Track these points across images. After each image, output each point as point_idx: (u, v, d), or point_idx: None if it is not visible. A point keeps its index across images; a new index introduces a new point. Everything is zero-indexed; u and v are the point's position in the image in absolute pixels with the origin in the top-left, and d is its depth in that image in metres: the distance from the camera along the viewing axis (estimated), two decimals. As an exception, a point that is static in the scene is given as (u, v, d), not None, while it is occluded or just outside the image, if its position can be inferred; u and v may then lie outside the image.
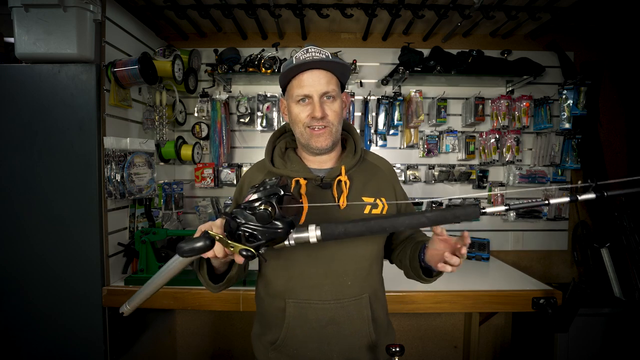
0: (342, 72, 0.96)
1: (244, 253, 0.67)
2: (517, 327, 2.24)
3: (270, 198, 0.66)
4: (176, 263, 0.76)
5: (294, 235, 0.73)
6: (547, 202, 0.68)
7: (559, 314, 1.62)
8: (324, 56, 0.90)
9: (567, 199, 0.67)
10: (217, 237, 0.68)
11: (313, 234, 0.73)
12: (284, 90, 0.99)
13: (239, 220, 0.66)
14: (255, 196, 0.68)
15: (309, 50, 0.90)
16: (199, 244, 0.66)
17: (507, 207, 0.68)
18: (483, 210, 0.70)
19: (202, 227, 0.75)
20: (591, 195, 0.65)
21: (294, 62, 0.90)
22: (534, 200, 0.69)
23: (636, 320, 1.84)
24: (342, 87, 0.99)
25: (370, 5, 1.85)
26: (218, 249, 0.70)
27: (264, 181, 0.76)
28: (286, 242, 0.72)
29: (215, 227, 0.73)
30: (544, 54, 2.24)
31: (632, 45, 2.21)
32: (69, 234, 1.53)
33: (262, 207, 0.64)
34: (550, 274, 2.34)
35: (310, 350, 0.94)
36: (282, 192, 0.68)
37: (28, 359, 1.58)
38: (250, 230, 0.66)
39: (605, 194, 0.65)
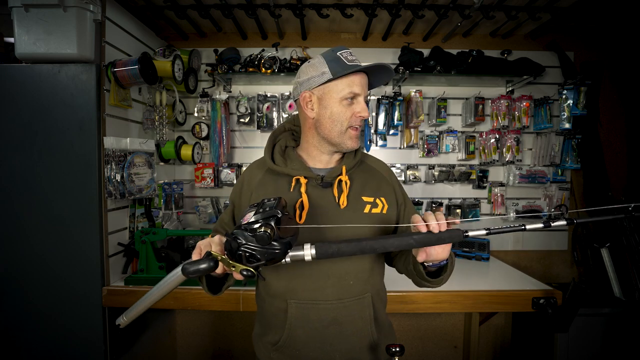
0: (375, 81, 0.99)
1: (245, 273, 0.72)
2: (517, 327, 2.24)
3: (269, 220, 0.70)
4: (176, 277, 0.81)
5: (290, 253, 0.78)
6: (523, 227, 0.79)
7: (559, 314, 1.62)
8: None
9: (541, 225, 0.77)
10: (220, 258, 0.73)
11: (308, 252, 0.78)
12: (313, 86, 0.93)
13: (239, 241, 0.70)
14: (254, 218, 0.72)
15: (352, 53, 0.93)
16: (204, 266, 0.72)
17: (487, 232, 0.78)
18: (466, 234, 0.78)
19: (201, 245, 0.78)
20: (562, 222, 0.76)
21: (348, 62, 0.91)
22: (513, 226, 0.79)
23: (636, 320, 1.84)
24: None
25: (370, 5, 1.85)
26: (219, 267, 0.75)
27: (262, 201, 0.79)
28: (282, 260, 0.77)
29: (214, 244, 0.78)
30: (544, 54, 2.24)
31: (632, 45, 2.21)
32: (69, 234, 1.53)
33: (262, 229, 0.68)
34: (550, 274, 2.34)
35: (312, 350, 0.94)
36: (280, 214, 0.72)
37: (28, 359, 1.58)
38: (250, 251, 0.70)
39: (575, 221, 0.77)
